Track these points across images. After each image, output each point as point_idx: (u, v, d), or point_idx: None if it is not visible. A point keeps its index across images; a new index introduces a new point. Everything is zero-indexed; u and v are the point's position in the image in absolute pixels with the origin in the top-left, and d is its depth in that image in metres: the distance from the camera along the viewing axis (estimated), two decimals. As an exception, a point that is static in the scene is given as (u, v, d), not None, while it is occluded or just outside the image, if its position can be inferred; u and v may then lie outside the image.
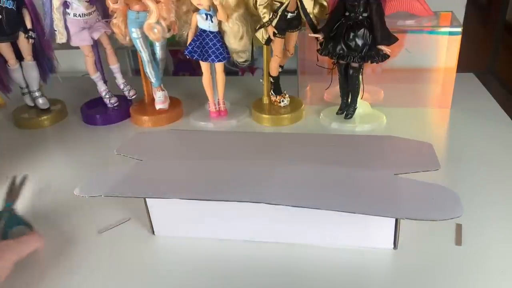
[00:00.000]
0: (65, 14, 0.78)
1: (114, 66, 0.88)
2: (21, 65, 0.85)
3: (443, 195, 0.47)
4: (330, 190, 0.49)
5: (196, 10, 0.75)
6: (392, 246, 0.51)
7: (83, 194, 0.50)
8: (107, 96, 0.89)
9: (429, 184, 0.49)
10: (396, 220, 0.48)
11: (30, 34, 0.81)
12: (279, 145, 0.61)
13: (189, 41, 0.78)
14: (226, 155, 0.58)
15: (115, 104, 0.90)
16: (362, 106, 0.82)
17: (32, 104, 0.91)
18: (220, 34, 0.77)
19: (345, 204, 0.46)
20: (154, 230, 0.55)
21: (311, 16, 0.75)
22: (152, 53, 0.83)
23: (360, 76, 0.77)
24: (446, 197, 0.47)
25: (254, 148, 0.61)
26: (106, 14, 0.82)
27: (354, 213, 0.45)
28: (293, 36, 0.81)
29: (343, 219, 0.48)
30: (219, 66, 0.81)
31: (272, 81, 0.85)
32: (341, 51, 0.73)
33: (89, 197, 0.50)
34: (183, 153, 0.61)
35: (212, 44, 0.77)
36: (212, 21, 0.75)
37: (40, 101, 0.89)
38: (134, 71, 1.24)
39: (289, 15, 0.75)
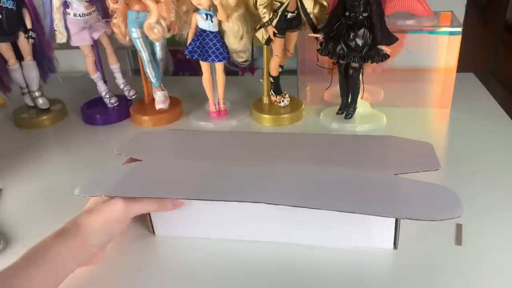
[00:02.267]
0: (65, 14, 0.78)
1: (114, 66, 0.88)
2: (21, 65, 0.85)
3: (443, 195, 0.47)
4: (330, 190, 0.49)
5: (196, 10, 0.75)
6: (392, 246, 0.51)
7: (83, 194, 0.50)
8: (107, 96, 0.89)
9: (429, 184, 0.49)
10: (396, 220, 0.48)
11: (30, 34, 0.81)
12: (279, 145, 0.61)
13: (189, 41, 0.78)
14: (226, 155, 0.58)
15: (115, 104, 0.90)
16: (362, 106, 0.82)
17: (32, 104, 0.91)
18: (220, 34, 0.77)
19: (345, 204, 0.46)
20: (154, 229, 0.55)
21: (311, 16, 0.75)
22: (152, 53, 0.83)
23: (360, 76, 0.77)
24: (446, 197, 0.47)
25: (254, 148, 0.61)
26: (106, 14, 0.82)
27: (354, 213, 0.45)
28: (293, 36, 0.81)
29: (343, 219, 0.48)
30: (219, 66, 0.81)
31: (272, 81, 0.85)
32: (341, 51, 0.73)
33: (89, 197, 0.51)
34: (184, 153, 0.61)
35: (212, 44, 0.77)
36: (212, 21, 0.75)
37: (40, 101, 0.89)
38: (134, 71, 1.24)
39: (289, 15, 0.75)
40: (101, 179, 0.53)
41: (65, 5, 0.77)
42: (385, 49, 0.71)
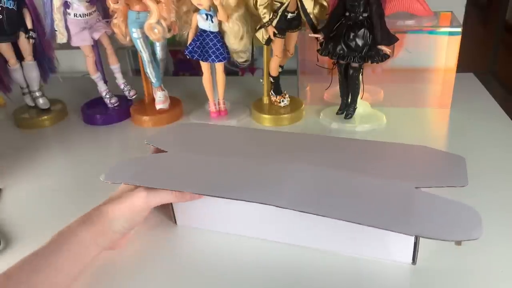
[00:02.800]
0: (65, 14, 0.78)
1: (115, 66, 0.88)
2: (21, 65, 0.85)
3: (464, 214, 0.44)
4: (348, 199, 0.47)
5: (197, 10, 0.75)
6: (411, 261, 0.48)
7: (107, 180, 0.51)
8: (108, 96, 0.89)
9: (451, 201, 0.46)
10: (417, 236, 0.46)
11: (30, 34, 0.81)
12: (301, 146, 0.60)
13: (189, 41, 0.78)
14: (247, 153, 0.58)
15: (115, 104, 0.90)
16: (362, 106, 0.83)
17: (33, 104, 0.91)
18: (220, 34, 0.77)
19: (362, 216, 0.44)
20: (176, 220, 0.57)
21: (311, 16, 0.75)
22: (153, 53, 0.83)
23: (360, 76, 0.77)
24: (467, 216, 0.44)
25: (279, 148, 0.60)
26: (106, 14, 0.82)
27: (370, 226, 0.43)
28: (293, 36, 0.81)
29: (360, 227, 0.45)
30: (219, 66, 0.81)
31: (272, 81, 0.85)
32: (341, 51, 0.73)
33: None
34: (206, 148, 0.60)
35: (212, 44, 0.77)
36: (212, 21, 0.75)
37: (41, 101, 0.89)
38: (135, 71, 1.25)
39: (289, 15, 0.75)
40: (123, 167, 0.54)
41: (66, 5, 0.77)
42: (385, 49, 0.71)
